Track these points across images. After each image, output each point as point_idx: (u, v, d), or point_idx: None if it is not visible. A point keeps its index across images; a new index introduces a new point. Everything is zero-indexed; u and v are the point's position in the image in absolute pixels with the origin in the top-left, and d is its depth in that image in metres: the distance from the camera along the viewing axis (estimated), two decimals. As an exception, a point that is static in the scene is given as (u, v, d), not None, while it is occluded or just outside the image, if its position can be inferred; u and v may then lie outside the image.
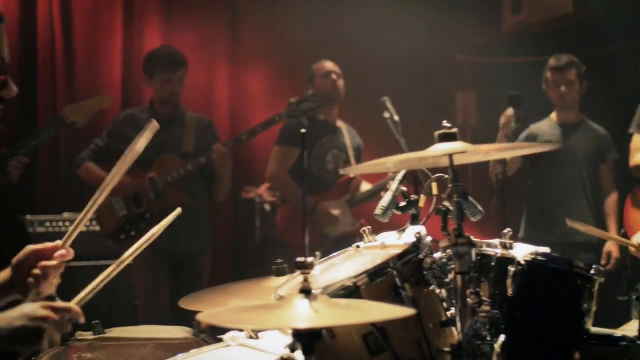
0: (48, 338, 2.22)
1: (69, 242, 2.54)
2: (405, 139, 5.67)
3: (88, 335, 3.10)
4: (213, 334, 3.08)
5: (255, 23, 7.48)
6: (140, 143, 2.58)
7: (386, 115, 5.76)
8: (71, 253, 2.53)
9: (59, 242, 2.53)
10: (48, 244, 2.52)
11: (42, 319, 2.20)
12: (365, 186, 5.93)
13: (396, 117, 5.76)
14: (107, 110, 5.44)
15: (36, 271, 2.46)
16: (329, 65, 5.95)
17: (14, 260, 2.52)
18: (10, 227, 5.94)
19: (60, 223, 6.01)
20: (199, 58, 6.99)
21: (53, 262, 2.47)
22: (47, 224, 5.99)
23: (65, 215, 6.10)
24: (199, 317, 2.02)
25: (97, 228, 5.60)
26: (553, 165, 5.75)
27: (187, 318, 4.20)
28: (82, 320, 2.32)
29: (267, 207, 6.37)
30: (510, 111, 5.39)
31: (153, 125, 2.61)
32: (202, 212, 5.55)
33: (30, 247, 2.53)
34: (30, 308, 2.22)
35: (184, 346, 2.92)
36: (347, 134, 5.98)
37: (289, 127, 5.71)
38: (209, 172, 5.44)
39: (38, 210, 6.36)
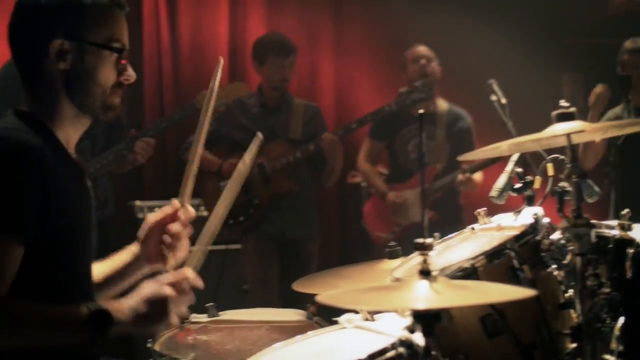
0: (176, 312, 2.25)
1: (186, 198, 2.55)
2: (512, 121, 5.59)
3: (202, 317, 3.14)
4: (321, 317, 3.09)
5: (360, 10, 7.45)
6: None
7: (493, 98, 5.67)
8: (192, 210, 2.55)
9: (176, 202, 2.55)
10: (167, 209, 2.55)
11: (165, 299, 2.23)
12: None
13: (503, 100, 5.67)
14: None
15: (167, 239, 2.49)
16: (419, 50, 5.89)
17: (141, 235, 2.56)
18: (120, 212, 6.06)
19: (170, 209, 6.10)
20: (303, 46, 7.00)
21: (179, 226, 2.50)
22: (156, 209, 6.06)
23: (174, 201, 6.18)
24: (319, 298, 2.02)
25: (205, 213, 5.67)
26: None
27: (296, 302, 4.23)
28: (200, 285, 2.34)
29: (373, 191, 6.37)
30: (600, 88, 5.29)
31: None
32: (309, 197, 5.57)
33: (152, 217, 2.56)
34: (151, 290, 2.25)
35: (297, 329, 2.93)
36: (445, 120, 5.90)
37: (378, 120, 5.72)
38: (318, 158, 5.45)
39: (146, 196, 6.48)
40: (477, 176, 5.61)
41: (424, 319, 2.00)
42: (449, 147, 5.80)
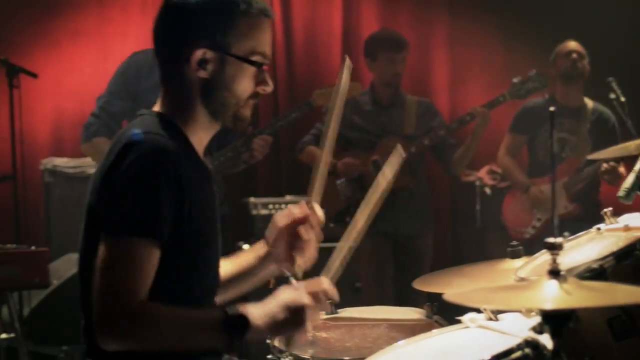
0: (310, 321, 2.26)
1: (316, 199, 2.55)
2: (632, 120, 5.46)
3: (322, 315, 3.14)
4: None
5: (473, 2, 7.37)
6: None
7: (612, 96, 5.55)
8: (321, 214, 2.55)
9: (304, 203, 2.55)
10: (295, 210, 2.55)
11: (302, 307, 2.24)
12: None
13: (622, 99, 5.55)
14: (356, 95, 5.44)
15: (296, 242, 2.51)
16: (571, 45, 5.80)
17: (270, 236, 2.58)
18: (235, 209, 6.13)
19: (283, 206, 6.14)
20: (416, 41, 6.97)
21: (307, 227, 2.50)
22: (270, 206, 6.14)
23: (288, 198, 6.23)
24: (445, 297, 2.00)
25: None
26: None
27: (410, 300, 4.21)
28: (337, 298, 2.35)
29: (487, 190, 6.29)
30: None
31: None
32: (424, 194, 5.55)
33: (281, 220, 2.56)
34: (290, 297, 2.26)
35: (417, 327, 2.91)
36: (590, 116, 5.80)
37: (518, 113, 5.67)
38: (445, 146, 5.43)
39: (260, 193, 6.55)
40: (622, 168, 5.46)
41: (553, 320, 1.96)
42: (592, 142, 5.70)
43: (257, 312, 2.22)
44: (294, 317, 2.24)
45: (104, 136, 4.68)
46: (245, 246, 5.62)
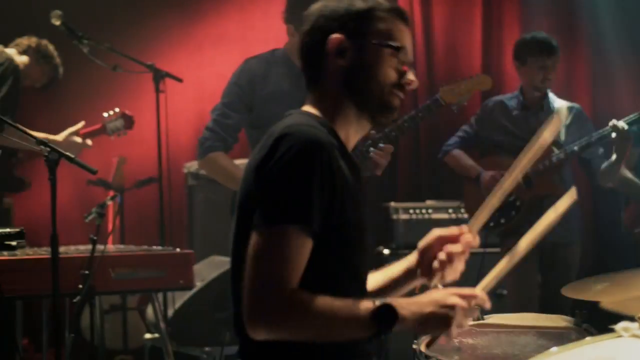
0: (457, 324, 2.23)
1: (477, 228, 2.51)
2: None
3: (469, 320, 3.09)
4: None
5: (615, 5, 7.17)
6: (547, 134, 2.50)
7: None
8: (477, 240, 2.51)
9: (464, 228, 2.51)
10: (454, 229, 2.52)
11: (451, 306, 2.22)
12: None
13: None
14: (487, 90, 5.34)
15: (442, 256, 2.46)
16: None
17: (420, 244, 2.55)
18: (374, 213, 6.12)
19: (424, 211, 6.10)
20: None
21: (458, 248, 2.46)
22: (411, 211, 6.10)
23: (429, 203, 6.19)
24: (603, 304, 1.93)
25: (466, 215, 5.62)
26: None
27: (556, 308, 4.10)
28: (488, 306, 2.31)
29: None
30: None
31: (560, 116, 2.51)
32: (573, 201, 5.40)
33: (436, 232, 2.54)
34: (440, 295, 2.24)
35: (566, 335, 2.83)
36: None
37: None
38: (593, 156, 5.29)
39: (400, 198, 6.52)
40: None
41: None
42: None
43: (405, 303, 2.21)
44: (442, 315, 2.21)
45: (220, 151, 4.57)
46: (386, 251, 5.61)
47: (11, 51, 5.47)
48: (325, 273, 2.25)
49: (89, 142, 5.19)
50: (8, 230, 4.06)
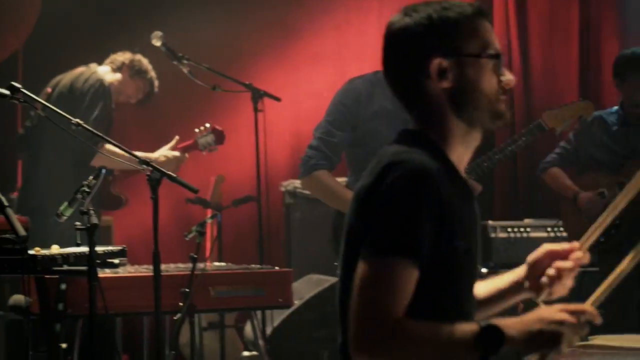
0: (567, 341, 2.18)
1: (588, 245, 2.46)
2: None
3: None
4: None
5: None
6: None
7: None
8: (587, 257, 2.45)
9: (576, 244, 2.46)
10: (564, 245, 2.47)
11: (560, 322, 2.17)
12: None
13: None
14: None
15: (550, 272, 2.42)
16: None
17: (530, 258, 2.51)
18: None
19: (522, 229, 6.03)
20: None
21: (568, 264, 2.42)
22: (509, 229, 6.03)
23: (527, 221, 6.11)
24: None
25: (564, 234, 5.54)
26: None
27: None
28: (598, 321, 2.26)
29: None
30: None
31: None
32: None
33: (547, 247, 2.49)
34: (547, 312, 2.19)
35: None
36: None
37: None
38: None
39: (497, 216, 6.45)
40: None
41: None
42: None
43: (512, 323, 2.16)
44: (550, 332, 2.15)
45: (325, 169, 4.59)
46: (484, 270, 5.54)
47: (104, 69, 5.58)
48: (431, 301, 2.23)
49: (186, 155, 5.27)
50: (110, 248, 4.15)
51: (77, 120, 4.05)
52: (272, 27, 6.97)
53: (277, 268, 4.79)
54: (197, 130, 5.45)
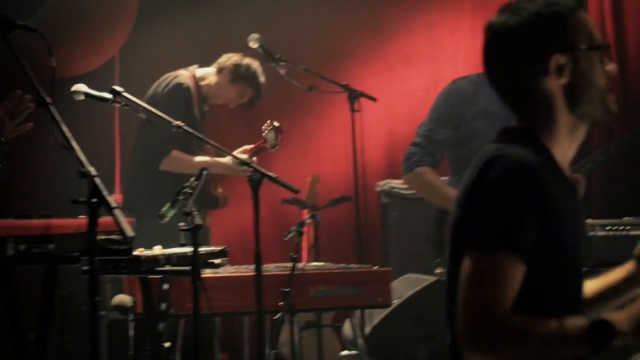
0: None
1: None
2: None
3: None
4: None
5: None
6: None
7: None
8: None
9: None
10: None
11: None
12: None
13: None
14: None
15: None
16: None
17: (638, 251, 2.48)
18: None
19: (622, 227, 5.91)
20: None
21: None
22: (608, 228, 5.93)
23: (626, 219, 5.99)
24: None
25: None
26: None
27: None
28: None
29: None
30: None
31: None
32: None
33: None
34: None
35: None
36: None
37: None
38: None
39: (594, 214, 6.34)
40: None
41: None
42: None
43: (621, 317, 2.13)
44: None
45: (427, 166, 4.61)
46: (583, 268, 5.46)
47: (204, 71, 5.61)
48: (538, 296, 2.21)
49: (254, 159, 5.29)
50: (212, 248, 4.20)
51: (178, 122, 4.12)
52: (365, 27, 6.97)
53: (376, 267, 4.79)
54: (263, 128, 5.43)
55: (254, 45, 5.30)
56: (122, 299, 4.72)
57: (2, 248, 2.71)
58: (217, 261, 4.19)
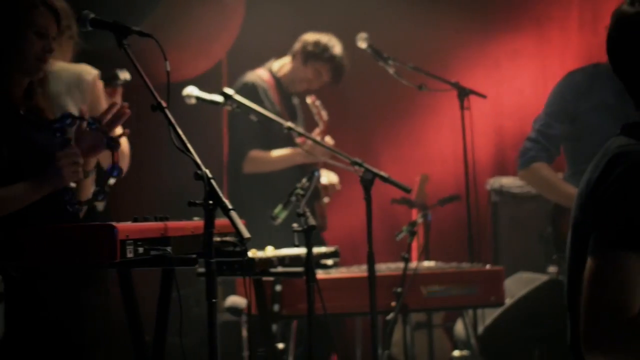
0: None
1: None
2: None
3: None
4: None
5: None
6: None
7: None
8: None
9: None
10: None
11: None
12: None
13: None
14: None
15: None
16: None
17: None
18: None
19: None
20: None
21: None
22: None
23: None
24: None
25: None
26: None
27: None
28: None
29: None
30: None
31: None
32: None
33: None
34: None
35: None
36: None
37: None
38: None
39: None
40: None
41: None
42: None
43: None
44: None
45: (543, 161, 4.53)
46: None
47: (278, 63, 5.62)
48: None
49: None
50: (324, 249, 4.20)
51: (289, 124, 4.14)
52: (472, 23, 6.90)
53: (489, 266, 4.73)
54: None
55: (362, 44, 5.29)
56: (235, 300, 4.75)
57: (121, 250, 2.74)
58: (329, 262, 4.20)
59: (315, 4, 6.71)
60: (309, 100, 5.29)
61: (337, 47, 5.53)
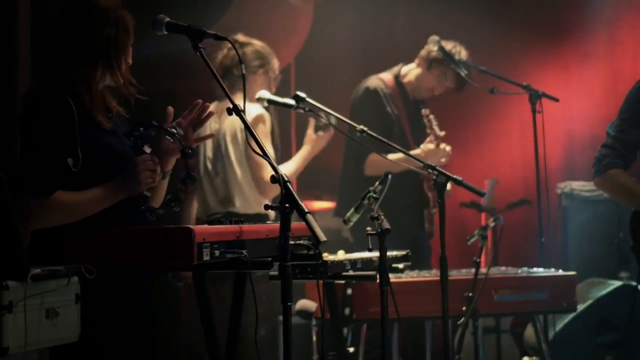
0: None
1: None
2: None
3: None
4: None
5: None
6: None
7: None
8: None
9: None
10: None
11: None
12: None
13: None
14: None
15: None
16: None
17: None
18: None
19: None
20: None
21: None
22: None
23: None
24: None
25: None
26: None
27: None
28: None
29: None
30: None
31: None
32: None
33: None
34: None
35: None
36: None
37: None
38: None
39: None
40: None
41: None
42: None
43: None
44: None
45: (619, 168, 4.42)
46: None
47: (405, 69, 5.62)
48: None
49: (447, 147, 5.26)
50: (395, 253, 4.19)
51: (361, 127, 4.13)
52: (541, 26, 6.85)
53: (561, 271, 4.68)
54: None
55: (433, 47, 5.27)
56: (305, 304, 4.77)
57: (198, 253, 2.76)
58: (400, 266, 4.18)
59: (381, 9, 6.70)
60: (423, 112, 5.32)
61: (462, 53, 5.55)
